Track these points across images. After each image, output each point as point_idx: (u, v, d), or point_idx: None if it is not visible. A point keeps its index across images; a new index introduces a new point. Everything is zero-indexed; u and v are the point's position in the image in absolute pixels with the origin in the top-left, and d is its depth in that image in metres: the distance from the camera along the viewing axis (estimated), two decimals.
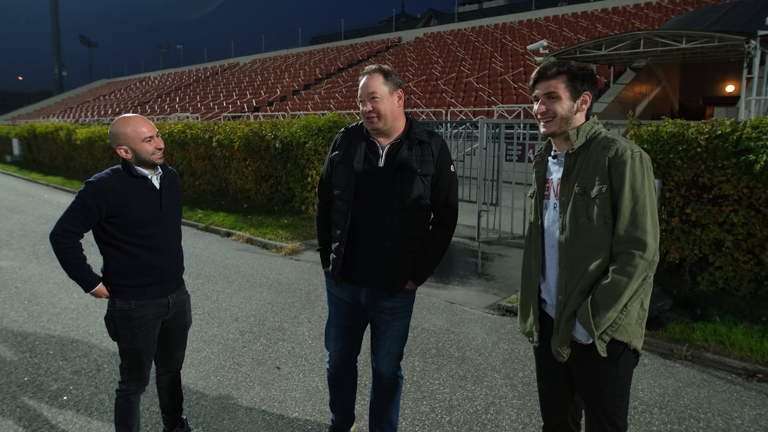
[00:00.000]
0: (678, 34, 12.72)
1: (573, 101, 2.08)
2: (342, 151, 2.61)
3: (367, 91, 2.46)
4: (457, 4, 50.20)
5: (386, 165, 2.52)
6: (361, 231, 2.56)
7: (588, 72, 2.10)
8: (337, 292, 2.76)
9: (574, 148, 2.08)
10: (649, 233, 1.94)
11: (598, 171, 2.00)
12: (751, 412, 3.55)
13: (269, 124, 10.51)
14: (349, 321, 2.78)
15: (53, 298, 5.76)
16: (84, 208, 2.52)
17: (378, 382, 2.89)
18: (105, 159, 15.73)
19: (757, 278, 4.98)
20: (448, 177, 2.60)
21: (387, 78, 2.47)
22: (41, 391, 3.76)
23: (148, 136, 2.61)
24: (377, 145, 2.56)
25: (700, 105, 21.54)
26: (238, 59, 51.34)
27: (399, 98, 2.52)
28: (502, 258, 7.08)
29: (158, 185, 2.73)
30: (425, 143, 2.55)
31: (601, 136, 2.07)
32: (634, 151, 1.97)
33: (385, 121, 2.48)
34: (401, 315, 2.71)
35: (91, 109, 44.60)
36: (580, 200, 2.03)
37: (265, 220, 9.55)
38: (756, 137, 4.74)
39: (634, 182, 1.94)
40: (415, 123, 2.62)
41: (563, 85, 2.07)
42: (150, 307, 2.71)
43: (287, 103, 29.19)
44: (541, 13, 33.67)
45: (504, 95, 19.93)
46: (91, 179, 2.58)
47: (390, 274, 2.55)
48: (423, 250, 2.62)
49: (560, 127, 2.10)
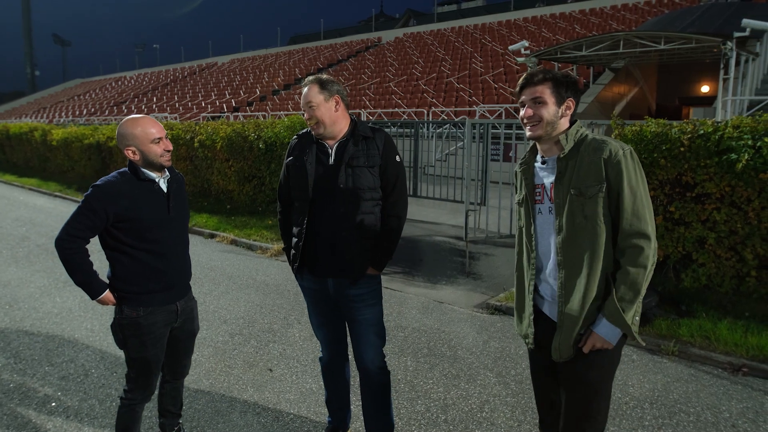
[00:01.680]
0: (657, 35, 12.95)
1: (558, 106, 2.17)
2: (295, 156, 2.82)
3: (305, 101, 2.70)
4: (436, 5, 50.42)
5: (336, 162, 2.73)
6: (318, 225, 2.75)
7: (572, 79, 2.22)
8: (307, 283, 2.91)
9: (566, 152, 2.17)
10: (650, 224, 2.07)
11: (593, 172, 2.09)
12: (739, 405, 3.63)
13: (252, 124, 10.43)
14: (326, 307, 2.93)
15: (35, 302, 5.63)
16: (90, 212, 2.46)
17: (366, 379, 2.93)
18: (82, 160, 15.44)
19: (739, 274, 5.09)
20: (394, 167, 2.80)
21: (323, 87, 2.70)
22: (28, 398, 3.67)
23: (157, 138, 2.56)
24: (326, 146, 2.77)
25: (676, 105, 21.97)
26: (216, 59, 50.82)
27: (336, 104, 2.72)
28: (489, 257, 7.13)
29: (166, 189, 2.67)
30: (370, 138, 2.76)
31: (588, 138, 2.17)
32: (625, 150, 2.09)
33: (324, 126, 2.70)
34: (370, 302, 2.84)
35: (66, 110, 43.75)
36: (576, 201, 2.11)
37: (249, 221, 9.48)
38: (737, 137, 4.85)
39: (630, 179, 2.07)
40: (360, 122, 2.83)
41: (549, 90, 2.17)
42: (159, 315, 2.65)
43: (267, 104, 28.98)
44: (519, 13, 33.96)
45: (485, 95, 20.07)
46: (97, 182, 2.52)
47: (350, 261, 2.74)
48: (379, 237, 2.81)
49: (545, 130, 2.18)
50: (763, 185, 4.74)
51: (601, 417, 2.20)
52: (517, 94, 2.27)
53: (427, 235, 8.10)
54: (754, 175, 4.73)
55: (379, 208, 2.79)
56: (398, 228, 2.85)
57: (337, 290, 2.82)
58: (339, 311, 2.93)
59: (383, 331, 2.93)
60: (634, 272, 2.05)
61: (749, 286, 5.02)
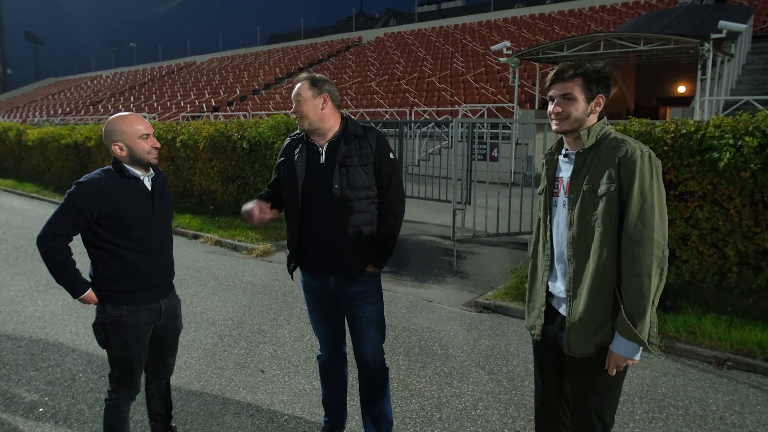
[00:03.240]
0: (636, 36, 13.15)
1: (588, 103, 2.13)
2: (286, 156, 2.85)
3: (294, 93, 2.74)
4: (416, 5, 50.54)
5: (327, 161, 2.73)
6: (313, 225, 2.76)
7: (603, 75, 2.14)
8: (308, 280, 2.93)
9: (585, 147, 2.14)
10: (657, 230, 1.98)
11: (608, 170, 2.05)
12: (725, 398, 3.71)
13: (235, 124, 10.33)
14: (326, 305, 2.93)
15: (16, 306, 5.51)
16: (74, 209, 2.43)
17: (366, 376, 2.95)
18: (59, 161, 15.15)
19: (721, 270, 5.20)
20: (389, 164, 2.80)
21: (312, 84, 2.73)
22: (14, 404, 3.59)
23: (145, 134, 2.55)
24: (317, 145, 2.77)
25: (654, 105, 22.33)
26: (194, 58, 50.22)
27: (324, 101, 2.73)
28: (476, 256, 7.17)
29: (150, 187, 2.65)
30: (362, 136, 2.76)
31: (611, 136, 2.13)
32: (643, 152, 2.03)
33: (308, 121, 2.71)
34: (370, 299, 2.85)
35: (40, 109, 42.84)
36: (588, 198, 2.09)
37: (233, 222, 9.40)
38: (719, 136, 4.95)
39: (643, 182, 2.00)
40: (350, 120, 2.83)
41: (579, 87, 2.12)
42: (142, 313, 2.62)
43: (248, 103, 28.75)
44: (499, 14, 34.18)
45: (466, 95, 20.17)
46: (81, 179, 2.49)
47: (347, 261, 2.74)
48: (377, 236, 2.81)
49: (572, 126, 2.15)
50: (744, 183, 4.85)
51: (609, 408, 2.19)
52: (546, 89, 2.23)
53: (413, 234, 8.12)
54: (735, 173, 4.84)
55: (375, 206, 2.79)
56: (396, 225, 2.86)
57: (338, 288, 2.83)
58: (339, 309, 2.93)
59: (384, 328, 2.94)
60: (637, 282, 1.99)
61: (731, 282, 5.13)
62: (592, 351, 2.12)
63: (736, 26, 11.83)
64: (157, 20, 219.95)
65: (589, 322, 2.10)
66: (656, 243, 1.98)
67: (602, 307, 2.09)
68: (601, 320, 2.10)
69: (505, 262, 6.82)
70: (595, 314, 2.10)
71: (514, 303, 5.44)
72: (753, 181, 4.79)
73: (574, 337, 2.14)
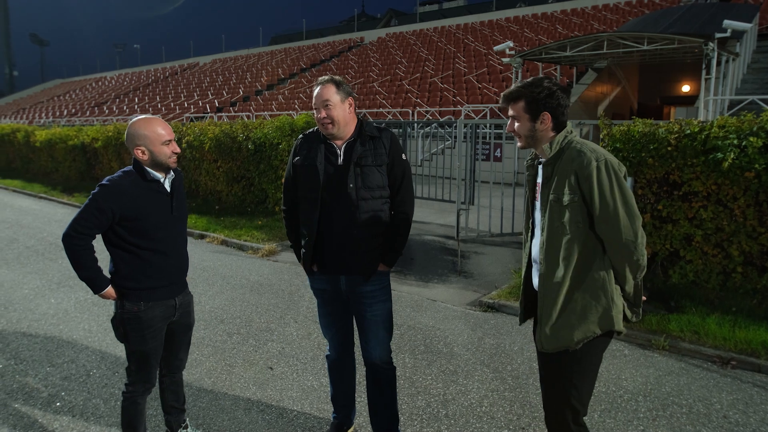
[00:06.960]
0: (640, 36, 13.15)
1: (533, 122, 2.28)
2: (303, 155, 2.86)
3: (321, 99, 2.72)
4: (418, 5, 50.55)
5: (344, 162, 2.78)
6: (329, 224, 2.80)
7: (546, 94, 2.24)
8: (318, 284, 2.97)
9: (548, 158, 2.28)
10: (624, 232, 2.16)
11: (568, 181, 2.19)
12: (729, 397, 3.76)
13: (240, 125, 10.42)
14: (336, 307, 2.99)
15: (30, 303, 5.60)
16: (98, 211, 2.52)
17: (374, 374, 3.01)
18: (67, 161, 15.27)
19: (725, 271, 5.25)
20: (401, 165, 2.87)
21: (339, 88, 2.74)
22: (32, 398, 3.68)
23: (167, 140, 2.63)
24: (334, 146, 2.82)
25: (657, 104, 22.33)
26: (197, 59, 50.36)
27: (350, 105, 2.78)
28: (480, 255, 7.22)
29: (169, 188, 2.74)
30: (377, 138, 2.82)
31: (572, 145, 2.25)
32: (599, 161, 2.14)
33: (338, 126, 2.74)
34: (381, 298, 2.91)
35: (46, 110, 43.07)
36: (555, 206, 2.23)
37: (239, 222, 9.48)
38: (723, 136, 4.99)
39: (603, 192, 2.14)
40: (366, 122, 2.88)
41: (522, 109, 2.28)
42: (158, 309, 2.72)
43: (251, 104, 28.83)
44: (501, 14, 34.15)
45: (469, 95, 20.20)
46: (104, 182, 2.58)
47: (361, 258, 2.80)
48: (389, 235, 2.88)
49: (526, 143, 2.33)
50: (748, 183, 4.89)
51: (578, 395, 2.30)
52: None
53: (417, 234, 8.17)
54: (739, 173, 4.88)
55: (387, 205, 2.86)
56: (407, 225, 2.93)
57: (349, 287, 2.88)
58: (349, 310, 2.99)
59: (391, 327, 3.01)
60: (622, 273, 2.24)
61: (735, 282, 5.17)
62: (558, 349, 2.26)
63: (741, 25, 11.83)
64: (160, 21, 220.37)
65: (557, 323, 2.24)
66: (625, 243, 2.15)
67: (569, 310, 2.22)
68: (564, 323, 2.23)
69: (509, 261, 6.88)
70: (560, 316, 2.23)
71: (518, 302, 5.49)
72: (757, 182, 4.84)
73: (542, 334, 2.29)
